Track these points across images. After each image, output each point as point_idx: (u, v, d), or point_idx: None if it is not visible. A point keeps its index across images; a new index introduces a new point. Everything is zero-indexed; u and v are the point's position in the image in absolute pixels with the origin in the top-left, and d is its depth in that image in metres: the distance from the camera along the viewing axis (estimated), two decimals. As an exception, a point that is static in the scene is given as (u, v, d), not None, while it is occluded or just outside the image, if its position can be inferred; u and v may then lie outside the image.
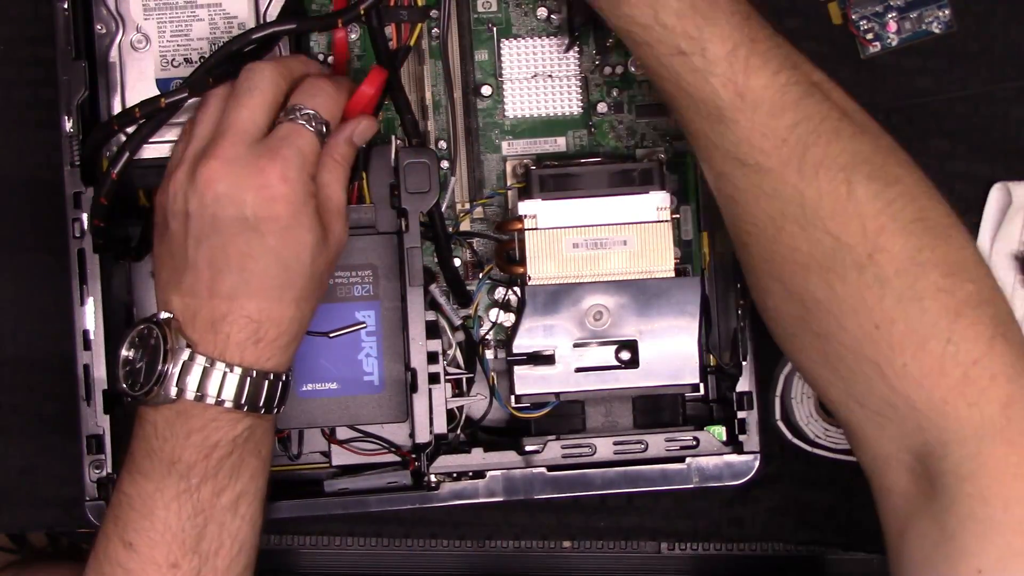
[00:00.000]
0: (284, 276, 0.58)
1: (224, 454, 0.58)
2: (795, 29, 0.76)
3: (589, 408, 0.71)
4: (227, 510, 0.58)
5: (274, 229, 0.57)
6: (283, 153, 0.58)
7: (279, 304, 0.58)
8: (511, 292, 0.71)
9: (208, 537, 0.57)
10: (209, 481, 0.57)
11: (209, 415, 0.57)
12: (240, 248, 0.57)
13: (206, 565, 0.57)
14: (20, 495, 0.73)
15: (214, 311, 0.57)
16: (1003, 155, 0.77)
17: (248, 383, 0.57)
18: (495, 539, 0.76)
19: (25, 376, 0.73)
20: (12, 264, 0.73)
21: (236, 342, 0.57)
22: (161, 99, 0.61)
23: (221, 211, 0.57)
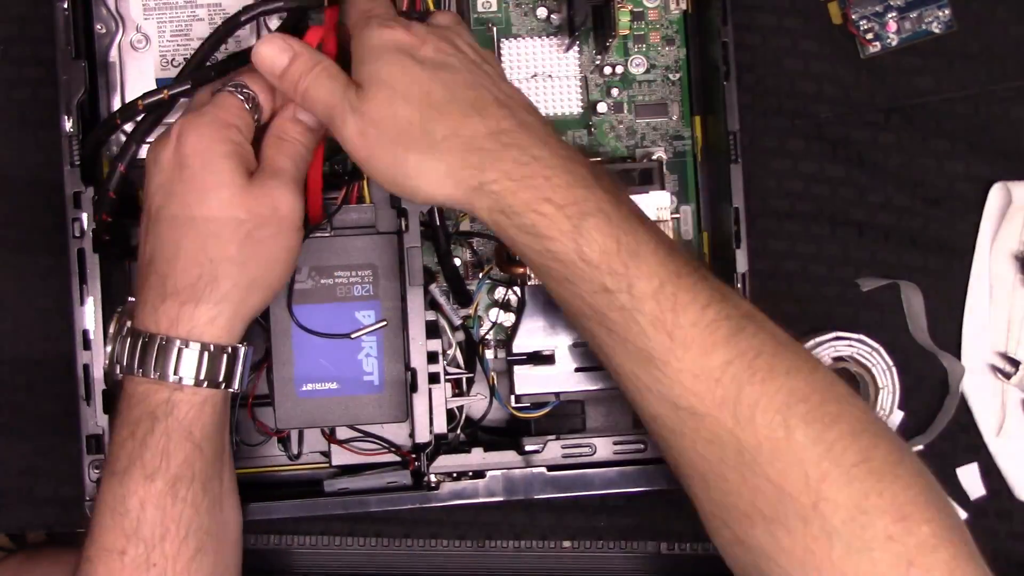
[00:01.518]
0: (191, 224, 0.57)
1: (146, 431, 0.57)
2: (795, 29, 0.77)
3: (589, 408, 0.71)
4: (163, 495, 0.57)
5: (182, 177, 0.57)
6: (198, 109, 0.59)
7: (184, 252, 0.57)
8: (511, 292, 0.71)
9: (149, 522, 0.56)
10: (137, 463, 0.57)
11: (130, 388, 0.58)
12: (157, 204, 0.58)
13: (154, 551, 0.56)
14: (20, 495, 0.73)
15: (142, 276, 0.58)
16: (1003, 155, 0.77)
17: (153, 348, 0.57)
18: (495, 539, 0.76)
19: (25, 376, 0.73)
20: (12, 264, 0.73)
21: (151, 305, 0.57)
22: (164, 91, 0.61)
23: (149, 176, 0.59)
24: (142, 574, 0.56)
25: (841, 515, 0.52)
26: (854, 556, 0.51)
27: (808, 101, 0.77)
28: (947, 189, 0.77)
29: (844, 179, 0.76)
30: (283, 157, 0.60)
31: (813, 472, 0.52)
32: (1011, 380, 0.76)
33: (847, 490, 0.52)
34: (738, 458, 0.53)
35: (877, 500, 0.52)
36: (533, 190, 0.55)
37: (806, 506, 0.52)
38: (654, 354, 0.54)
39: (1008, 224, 0.76)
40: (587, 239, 0.54)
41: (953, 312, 0.77)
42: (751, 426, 0.53)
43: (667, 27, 0.74)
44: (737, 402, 0.53)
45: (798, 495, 0.52)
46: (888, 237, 0.76)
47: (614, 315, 0.55)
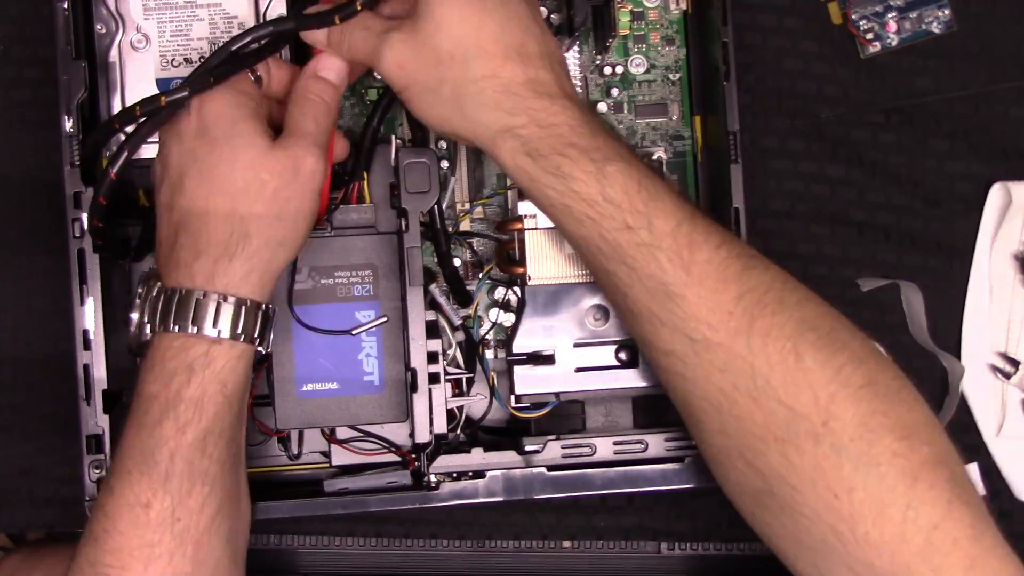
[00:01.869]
0: (216, 183, 0.58)
1: (183, 382, 0.57)
2: (795, 29, 0.77)
3: (589, 408, 0.71)
4: (193, 448, 0.57)
5: (203, 141, 0.59)
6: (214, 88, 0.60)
7: (213, 212, 0.58)
8: (511, 292, 0.71)
9: (176, 475, 0.57)
10: (170, 413, 0.57)
11: (165, 343, 0.58)
12: (179, 172, 0.59)
13: (179, 506, 0.57)
14: (20, 495, 0.73)
15: (170, 244, 0.59)
16: (1003, 155, 0.77)
17: (191, 303, 0.58)
18: (495, 539, 0.76)
19: (25, 376, 0.73)
20: (12, 264, 0.73)
21: (184, 264, 0.58)
22: (162, 97, 0.61)
23: (168, 152, 0.60)
24: (168, 527, 0.57)
25: (849, 432, 0.54)
26: (862, 470, 0.53)
27: (808, 101, 0.77)
28: (947, 189, 0.77)
29: (844, 179, 0.77)
30: (307, 118, 0.61)
31: (822, 393, 0.54)
32: (1011, 380, 0.76)
33: (854, 409, 0.54)
34: (751, 383, 0.56)
35: (883, 419, 0.54)
36: (559, 137, 0.58)
37: (816, 424, 0.54)
38: (672, 288, 0.57)
39: (1008, 224, 0.76)
40: (610, 180, 0.57)
41: (953, 312, 0.77)
42: (763, 353, 0.55)
43: (667, 27, 0.74)
44: (750, 332, 0.56)
45: (808, 415, 0.54)
46: (888, 237, 0.76)
47: (634, 251, 0.57)
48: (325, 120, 0.62)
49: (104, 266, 0.66)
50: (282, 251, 0.60)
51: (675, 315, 0.57)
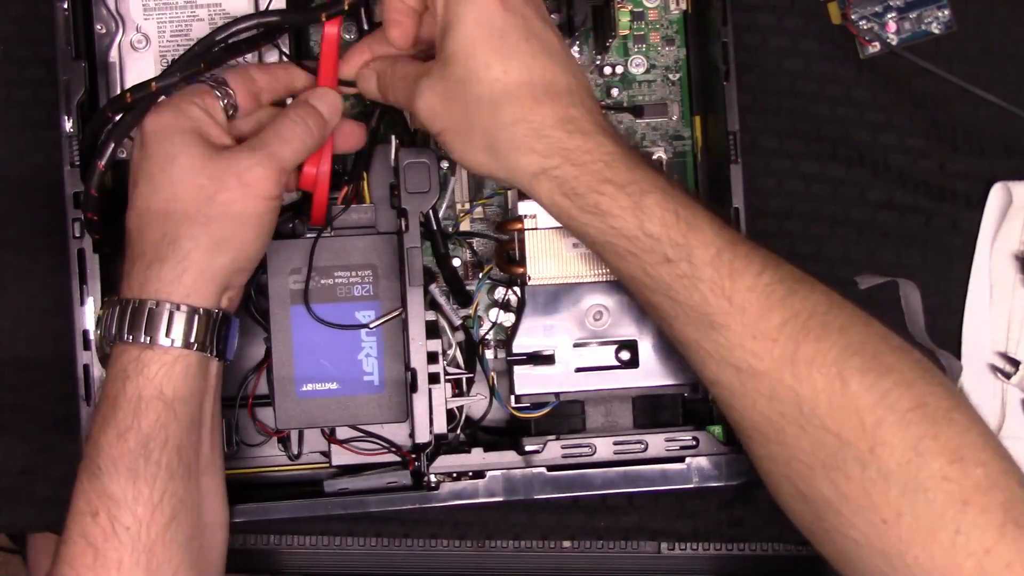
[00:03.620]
0: (149, 188, 0.59)
1: (118, 390, 0.58)
2: (795, 29, 0.77)
3: (589, 408, 0.71)
4: (136, 455, 0.57)
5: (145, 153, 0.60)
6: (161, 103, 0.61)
7: (146, 216, 0.59)
8: (511, 292, 0.71)
9: (120, 483, 0.57)
10: (110, 421, 0.57)
11: (112, 354, 0.59)
12: (131, 181, 0.61)
13: (125, 513, 0.57)
14: (20, 495, 0.73)
15: (128, 251, 0.60)
16: (1003, 155, 0.77)
17: (127, 311, 0.58)
18: (495, 539, 0.76)
19: (25, 376, 0.73)
20: (12, 264, 0.73)
21: (125, 272, 0.60)
22: (152, 83, 0.61)
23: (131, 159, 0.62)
24: (115, 536, 0.57)
25: (897, 457, 0.53)
26: (909, 496, 0.53)
27: (808, 101, 0.77)
28: (947, 189, 0.77)
29: (844, 179, 0.76)
30: (274, 134, 0.62)
31: (869, 418, 0.54)
32: (1011, 380, 0.76)
33: (902, 433, 0.54)
34: (797, 412, 0.55)
35: (932, 443, 0.53)
36: (594, 174, 0.57)
37: (863, 451, 0.54)
38: (715, 319, 0.57)
39: (1008, 224, 0.76)
40: (648, 214, 0.57)
41: (953, 312, 0.77)
42: (808, 381, 0.55)
43: (667, 27, 0.74)
44: (794, 360, 0.55)
45: (855, 441, 0.54)
46: (888, 237, 0.76)
47: (676, 284, 0.57)
48: (299, 144, 0.62)
49: (104, 266, 0.66)
50: (222, 254, 0.60)
51: (720, 345, 0.57)
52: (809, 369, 0.55)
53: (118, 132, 0.61)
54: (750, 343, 0.56)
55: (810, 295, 0.57)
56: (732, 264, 0.56)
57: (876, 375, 0.55)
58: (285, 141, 0.61)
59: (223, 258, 0.60)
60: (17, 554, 0.98)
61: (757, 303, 0.56)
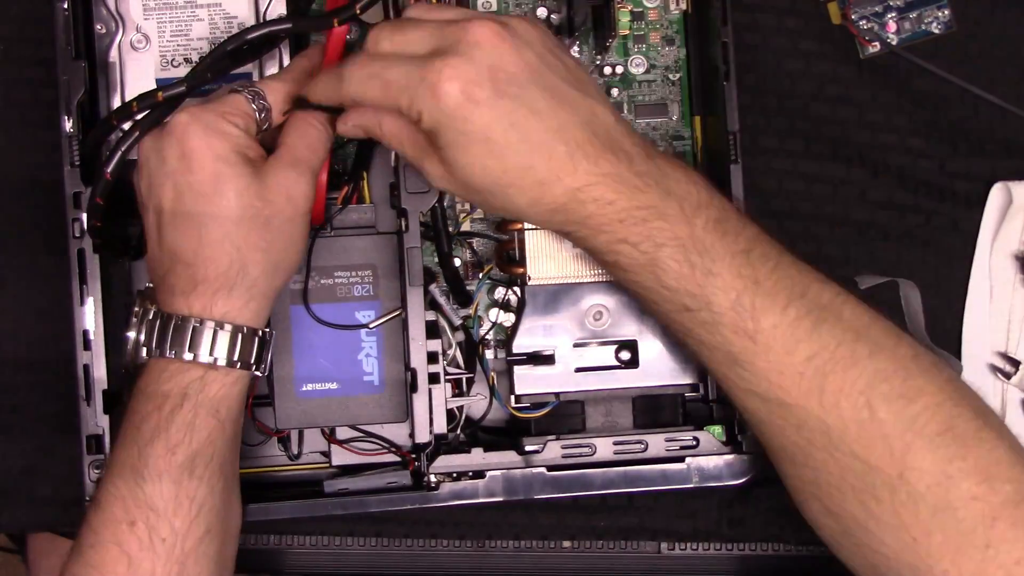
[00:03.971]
0: (206, 213, 0.58)
1: (175, 406, 0.58)
2: (795, 29, 0.77)
3: (589, 408, 0.71)
4: (182, 469, 0.57)
5: (187, 168, 0.58)
6: (200, 107, 0.59)
7: (208, 243, 0.58)
8: (511, 292, 0.71)
9: (163, 495, 0.57)
10: (161, 435, 0.57)
11: (161, 367, 0.59)
12: (169, 197, 0.58)
13: (164, 525, 0.57)
14: (20, 495, 0.73)
15: (163, 267, 0.59)
16: (1003, 155, 0.77)
17: (187, 330, 0.58)
18: (495, 539, 0.75)
19: (25, 376, 0.73)
20: (12, 264, 0.73)
21: (180, 291, 0.59)
22: (159, 93, 0.61)
23: (151, 171, 0.59)
24: (151, 546, 0.57)
25: (926, 481, 0.54)
26: (939, 516, 0.54)
27: (808, 101, 0.77)
28: (947, 189, 0.77)
29: (844, 179, 0.76)
30: (303, 145, 0.61)
31: (897, 445, 0.55)
32: (1011, 380, 0.76)
33: (931, 457, 0.54)
34: (825, 439, 0.56)
35: (961, 464, 0.54)
36: (609, 234, 0.58)
37: (892, 476, 0.55)
38: (739, 357, 0.57)
39: (1008, 224, 0.76)
40: (663, 269, 0.57)
41: (953, 312, 0.77)
42: (836, 410, 0.56)
43: (667, 27, 0.74)
44: (822, 391, 0.56)
45: (884, 467, 0.55)
46: (888, 237, 0.76)
47: (698, 329, 0.58)
48: (321, 149, 0.62)
49: (104, 266, 0.66)
50: (279, 277, 0.61)
51: (747, 380, 0.57)
52: (837, 399, 0.56)
53: (125, 142, 0.61)
54: (776, 378, 0.57)
55: (837, 323, 0.57)
56: (754, 305, 0.57)
57: (905, 401, 0.55)
58: (315, 150, 0.61)
59: (280, 279, 0.61)
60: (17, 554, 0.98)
61: (782, 339, 0.56)
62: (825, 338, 0.56)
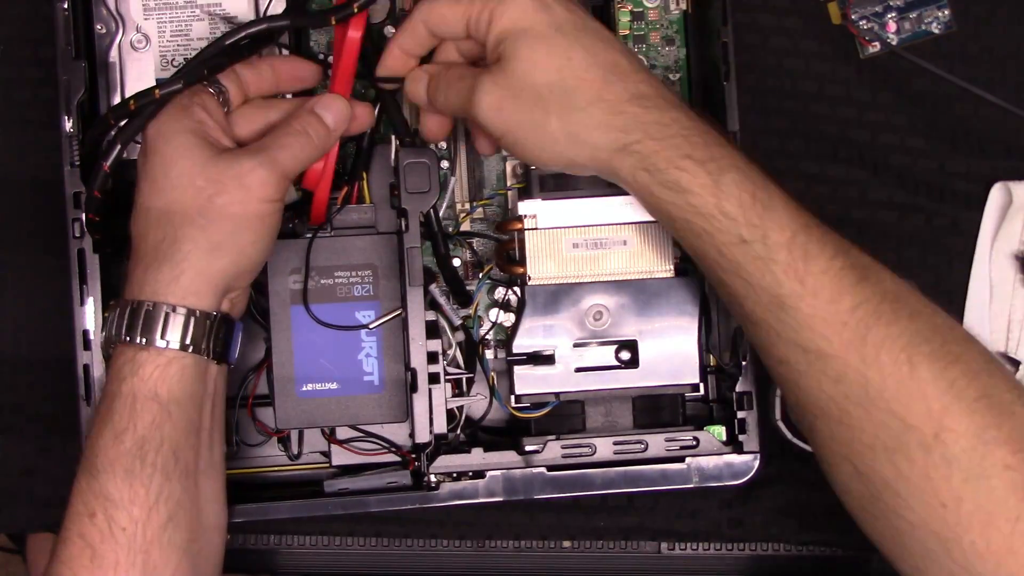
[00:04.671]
0: (151, 189, 0.59)
1: (114, 391, 0.58)
2: (795, 29, 0.77)
3: (589, 408, 0.71)
4: (132, 456, 0.57)
5: (148, 160, 0.60)
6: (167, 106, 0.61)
7: (145, 217, 0.59)
8: (511, 292, 0.71)
9: (117, 484, 0.57)
10: (107, 423, 0.58)
11: (112, 355, 0.59)
12: (137, 191, 0.60)
13: (122, 514, 0.57)
14: (20, 495, 0.73)
15: (131, 252, 0.60)
16: (1003, 155, 0.77)
17: (126, 312, 0.58)
18: (495, 539, 0.76)
19: (25, 376, 0.73)
20: (12, 264, 0.73)
21: (127, 275, 0.60)
22: (156, 90, 0.61)
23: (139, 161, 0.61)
24: (112, 537, 0.57)
25: (962, 444, 0.54)
26: (972, 483, 0.54)
27: (808, 101, 0.77)
28: (947, 189, 0.77)
29: (844, 179, 0.76)
30: (277, 141, 0.61)
31: (935, 405, 0.54)
32: (1011, 380, 0.76)
33: (967, 421, 0.54)
34: (863, 394, 0.56)
35: (996, 432, 0.54)
36: (674, 148, 0.58)
37: (928, 435, 0.54)
38: (786, 300, 0.57)
39: (1008, 224, 0.76)
40: (726, 193, 0.57)
41: (953, 312, 0.76)
42: (876, 364, 0.55)
43: (667, 27, 0.74)
44: (864, 343, 0.56)
45: (921, 426, 0.54)
46: (888, 237, 0.76)
47: (750, 265, 0.57)
48: (301, 152, 0.62)
49: (104, 266, 0.66)
50: (221, 257, 0.59)
51: (789, 326, 0.57)
52: (878, 353, 0.55)
53: (124, 135, 0.61)
54: (820, 325, 0.56)
55: (880, 281, 0.57)
56: (806, 247, 0.57)
57: (945, 363, 0.55)
58: (285, 147, 0.61)
59: (222, 261, 0.59)
60: (17, 554, 0.98)
61: (830, 286, 0.56)
62: (868, 292, 0.57)
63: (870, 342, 0.56)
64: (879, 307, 0.56)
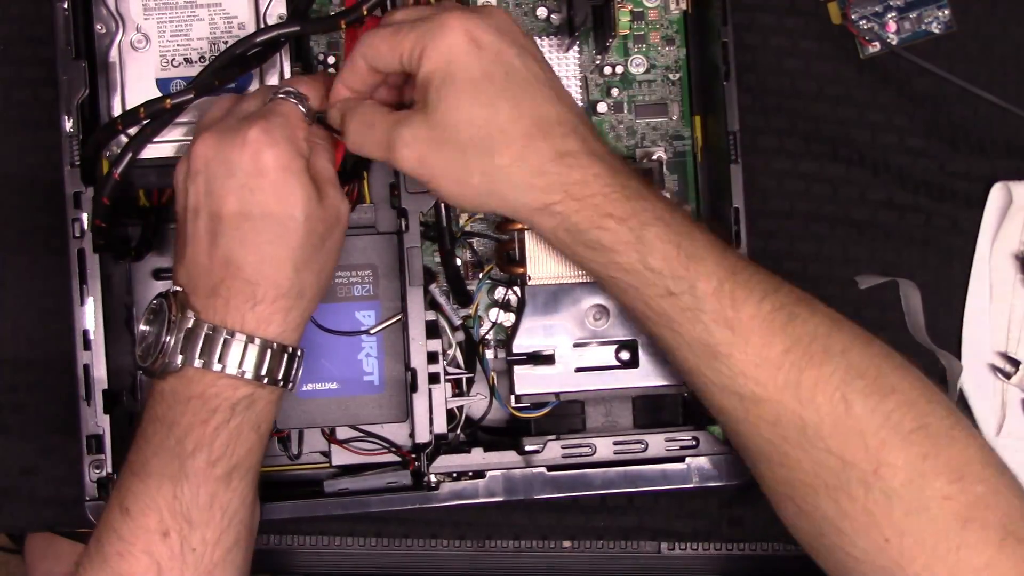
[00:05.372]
0: (277, 232, 0.58)
1: (222, 421, 0.58)
2: (795, 29, 0.77)
3: (589, 408, 0.71)
4: (220, 481, 0.58)
5: (263, 184, 0.57)
6: (266, 116, 0.59)
7: (274, 263, 0.58)
8: (511, 292, 0.71)
9: (199, 506, 0.57)
10: (204, 448, 0.57)
11: (208, 381, 0.58)
12: (233, 208, 0.57)
13: (195, 534, 0.57)
14: (20, 495, 0.73)
15: (213, 276, 0.58)
16: (1003, 155, 0.77)
17: (248, 350, 0.58)
18: (495, 539, 0.76)
19: (25, 376, 0.73)
20: (12, 264, 0.73)
21: (235, 306, 0.58)
22: (167, 100, 0.61)
23: (212, 177, 0.58)
24: (181, 557, 0.57)
25: (900, 477, 0.54)
26: (912, 516, 0.54)
27: (808, 101, 0.77)
28: (947, 189, 0.77)
29: (844, 179, 0.76)
30: (326, 163, 0.61)
31: (872, 441, 0.55)
32: (1011, 380, 0.76)
33: (905, 454, 0.54)
34: (800, 436, 0.56)
35: (934, 462, 0.54)
36: (594, 208, 0.57)
37: (867, 472, 0.55)
38: (718, 348, 0.57)
39: (1008, 224, 0.76)
40: (649, 248, 0.57)
41: (953, 311, 0.77)
42: (812, 405, 0.56)
43: (667, 27, 0.74)
44: (798, 385, 0.56)
45: (859, 463, 0.55)
46: (888, 237, 0.76)
47: (679, 316, 0.57)
48: (334, 162, 0.63)
49: (104, 266, 0.66)
50: (319, 298, 0.61)
51: (723, 374, 0.57)
52: (813, 393, 0.55)
53: (137, 143, 0.61)
54: (753, 371, 0.56)
55: (810, 318, 0.57)
56: (734, 294, 0.57)
57: (879, 397, 0.55)
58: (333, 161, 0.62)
59: (320, 299, 0.61)
60: (17, 554, 0.98)
61: (760, 331, 0.56)
62: (799, 333, 0.56)
63: (804, 384, 0.56)
64: (810, 347, 0.56)
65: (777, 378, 0.56)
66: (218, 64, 0.62)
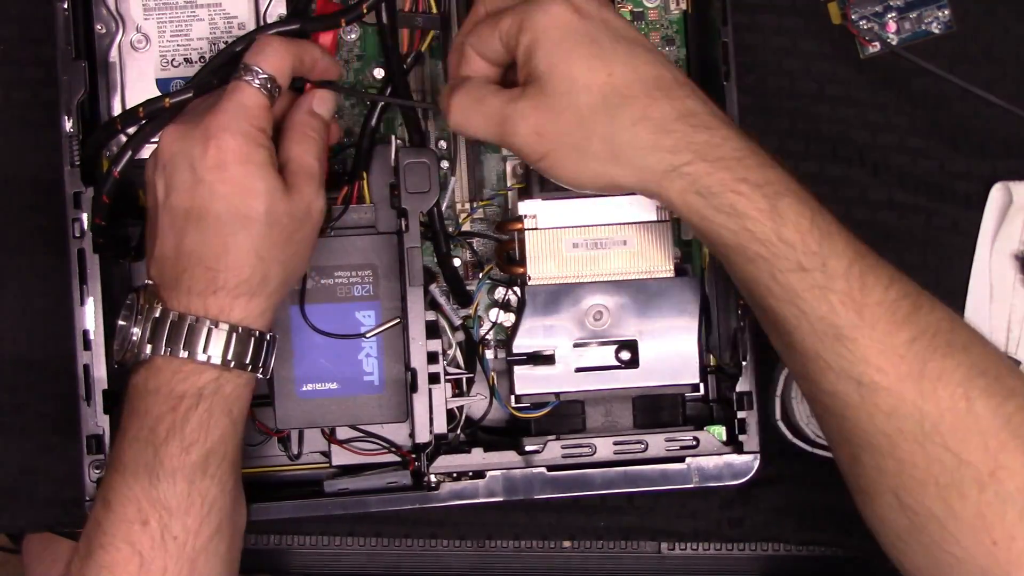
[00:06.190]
0: (240, 224, 0.58)
1: (190, 406, 0.58)
2: (795, 29, 0.77)
3: (589, 408, 0.71)
4: (196, 468, 0.58)
5: (223, 178, 0.57)
6: (223, 106, 0.58)
7: (236, 253, 0.58)
8: (511, 292, 0.71)
9: (177, 494, 0.57)
10: (176, 435, 0.57)
11: (174, 367, 0.58)
12: (195, 203, 0.58)
13: (176, 523, 0.57)
14: (20, 495, 0.73)
15: (177, 267, 0.59)
16: (1003, 155, 0.77)
17: (213, 335, 0.58)
18: (495, 539, 0.76)
19: (25, 376, 0.73)
20: (13, 264, 0.73)
21: (197, 293, 0.58)
22: (166, 99, 0.61)
23: (175, 170, 0.58)
24: (164, 545, 0.57)
25: (1017, 482, 0.53)
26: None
27: (808, 101, 0.77)
28: (947, 189, 0.77)
29: (844, 179, 0.76)
30: (310, 156, 0.61)
31: (992, 442, 0.54)
32: (1011, 380, 0.76)
33: (1023, 459, 0.54)
34: (917, 428, 0.55)
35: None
36: (728, 171, 0.55)
37: (983, 473, 0.54)
38: (843, 331, 0.55)
39: (1008, 224, 0.76)
40: (784, 218, 0.55)
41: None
42: (933, 398, 0.54)
43: (667, 27, 0.74)
44: (921, 376, 0.55)
45: (976, 463, 0.54)
46: (888, 237, 0.76)
47: (806, 293, 0.55)
48: (324, 157, 0.62)
49: (104, 266, 0.66)
50: (288, 287, 0.62)
51: (843, 358, 0.55)
52: (935, 386, 0.54)
53: (137, 142, 0.61)
54: (876, 358, 0.55)
55: (933, 311, 0.56)
56: (863, 277, 0.55)
57: (1001, 398, 0.54)
58: (321, 161, 0.62)
59: (287, 290, 0.62)
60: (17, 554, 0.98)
61: (886, 318, 0.55)
62: (923, 323, 0.55)
63: (927, 375, 0.54)
64: (934, 339, 0.55)
65: (900, 367, 0.55)
66: (217, 63, 0.62)
